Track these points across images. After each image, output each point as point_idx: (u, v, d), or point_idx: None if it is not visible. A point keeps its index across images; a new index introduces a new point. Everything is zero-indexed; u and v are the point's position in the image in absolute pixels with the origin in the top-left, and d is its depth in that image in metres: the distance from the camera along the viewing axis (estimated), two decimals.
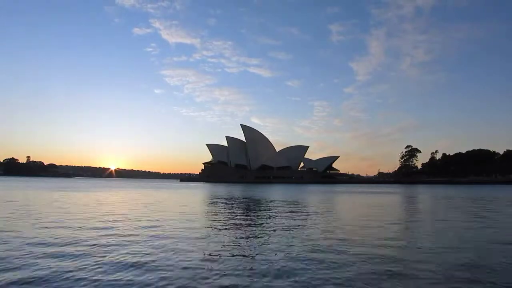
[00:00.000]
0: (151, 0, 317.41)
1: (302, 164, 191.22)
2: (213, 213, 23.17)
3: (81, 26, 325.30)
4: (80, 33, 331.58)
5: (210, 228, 15.18)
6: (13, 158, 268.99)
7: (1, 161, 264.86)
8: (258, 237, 13.02)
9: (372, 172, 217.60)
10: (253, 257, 9.69)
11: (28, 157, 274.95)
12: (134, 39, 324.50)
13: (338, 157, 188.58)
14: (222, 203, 31.81)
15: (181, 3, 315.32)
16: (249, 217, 20.00)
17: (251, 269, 8.45)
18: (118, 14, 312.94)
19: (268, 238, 12.87)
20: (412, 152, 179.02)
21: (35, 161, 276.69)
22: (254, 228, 15.40)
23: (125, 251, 10.07)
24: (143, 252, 9.97)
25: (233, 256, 9.77)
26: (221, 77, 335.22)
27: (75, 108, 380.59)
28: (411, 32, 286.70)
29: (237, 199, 37.07)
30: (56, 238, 11.96)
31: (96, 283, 7.13)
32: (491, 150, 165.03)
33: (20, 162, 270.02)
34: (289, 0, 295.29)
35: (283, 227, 15.75)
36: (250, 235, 13.48)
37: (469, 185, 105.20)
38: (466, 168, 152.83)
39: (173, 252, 10.09)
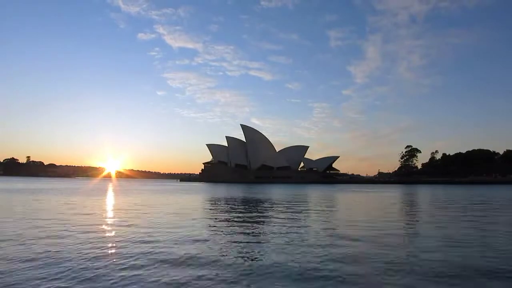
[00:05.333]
0: (156, 7, 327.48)
1: (302, 164, 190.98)
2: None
3: (86, 30, 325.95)
4: (85, 36, 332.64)
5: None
6: (13, 158, 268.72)
7: (1, 161, 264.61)
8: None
9: (372, 172, 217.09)
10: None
11: (28, 157, 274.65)
12: (139, 44, 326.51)
13: (338, 157, 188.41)
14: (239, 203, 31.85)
15: (185, 10, 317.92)
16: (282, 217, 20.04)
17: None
18: (124, 20, 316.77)
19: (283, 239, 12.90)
20: (412, 152, 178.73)
21: (35, 161, 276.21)
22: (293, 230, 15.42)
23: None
24: None
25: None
26: (222, 80, 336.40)
27: (76, 109, 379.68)
28: (406, 37, 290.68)
29: (252, 200, 37.13)
30: None
31: None
32: (491, 150, 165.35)
33: (20, 162, 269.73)
34: (290, 8, 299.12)
35: (287, 227, 15.80)
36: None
37: (469, 185, 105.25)
38: (466, 168, 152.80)
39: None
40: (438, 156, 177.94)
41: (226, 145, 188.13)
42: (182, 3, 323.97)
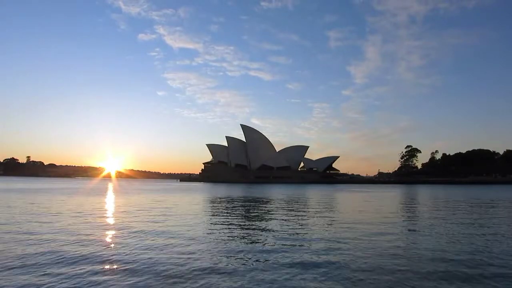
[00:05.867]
0: (156, 8, 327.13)
1: (302, 164, 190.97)
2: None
3: (87, 30, 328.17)
4: (85, 37, 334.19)
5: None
6: (13, 158, 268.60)
7: (1, 161, 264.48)
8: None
9: (372, 172, 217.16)
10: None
11: (28, 157, 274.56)
12: (139, 44, 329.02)
13: (338, 157, 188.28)
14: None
15: (185, 11, 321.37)
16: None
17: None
18: (124, 21, 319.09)
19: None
20: (412, 152, 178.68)
21: (35, 161, 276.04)
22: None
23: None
24: None
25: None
26: (222, 80, 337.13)
27: (76, 109, 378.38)
28: (405, 38, 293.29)
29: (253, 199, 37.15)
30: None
31: None
32: (491, 150, 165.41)
33: (20, 162, 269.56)
34: (290, 9, 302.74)
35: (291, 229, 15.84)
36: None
37: (469, 185, 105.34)
38: (466, 168, 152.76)
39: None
40: (438, 156, 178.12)
41: (226, 145, 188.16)
42: (182, 3, 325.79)
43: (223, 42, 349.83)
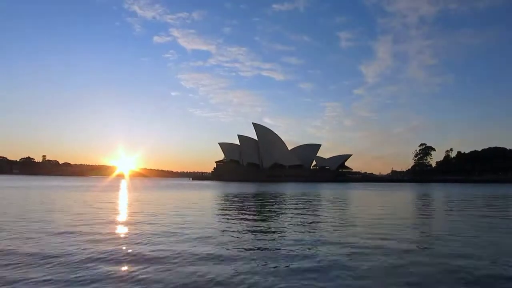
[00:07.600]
0: (170, 12, 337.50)
1: (314, 163, 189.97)
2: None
3: (104, 34, 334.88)
4: (103, 40, 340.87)
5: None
6: (29, 157, 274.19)
7: (18, 160, 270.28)
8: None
9: (385, 171, 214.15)
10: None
11: (44, 156, 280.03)
12: (154, 47, 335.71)
13: (351, 155, 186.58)
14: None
15: (199, 14, 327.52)
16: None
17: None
18: (140, 25, 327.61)
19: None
20: (426, 150, 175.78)
21: (51, 160, 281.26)
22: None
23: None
24: None
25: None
26: (235, 80, 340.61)
27: (92, 109, 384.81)
28: (416, 38, 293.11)
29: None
30: None
31: None
32: (508, 148, 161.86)
33: (36, 161, 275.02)
34: (301, 11, 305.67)
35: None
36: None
37: (486, 184, 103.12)
38: (482, 166, 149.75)
39: None
40: (453, 154, 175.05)
41: (238, 143, 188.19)
42: (196, 7, 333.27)
43: (235, 44, 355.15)
